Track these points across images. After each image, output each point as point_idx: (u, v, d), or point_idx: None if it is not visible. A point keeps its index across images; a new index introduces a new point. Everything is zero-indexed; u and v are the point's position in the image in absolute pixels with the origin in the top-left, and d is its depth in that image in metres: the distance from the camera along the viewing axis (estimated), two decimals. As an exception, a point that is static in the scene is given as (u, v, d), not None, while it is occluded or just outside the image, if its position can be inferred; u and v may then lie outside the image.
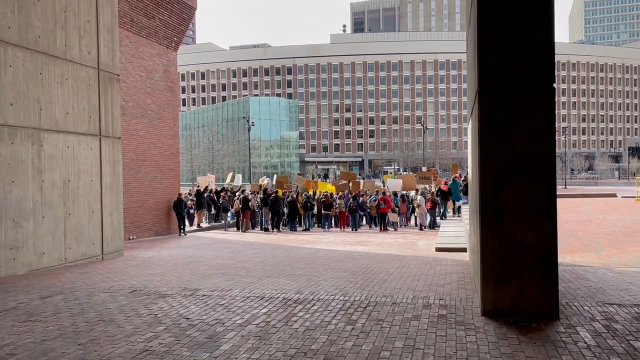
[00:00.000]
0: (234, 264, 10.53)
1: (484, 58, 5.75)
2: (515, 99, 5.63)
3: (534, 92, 5.59)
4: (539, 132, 5.59)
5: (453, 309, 6.17)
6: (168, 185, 20.02)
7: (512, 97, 5.64)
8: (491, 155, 5.74)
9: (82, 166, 11.09)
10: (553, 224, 5.58)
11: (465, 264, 9.88)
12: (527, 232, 5.62)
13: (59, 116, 10.49)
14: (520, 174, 5.64)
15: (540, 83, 5.59)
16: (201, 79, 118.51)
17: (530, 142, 5.60)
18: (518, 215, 5.64)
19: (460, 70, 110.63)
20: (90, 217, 11.30)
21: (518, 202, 5.64)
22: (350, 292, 7.21)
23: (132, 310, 6.37)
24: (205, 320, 5.87)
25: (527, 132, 5.61)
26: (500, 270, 5.73)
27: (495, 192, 5.73)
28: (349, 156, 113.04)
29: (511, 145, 5.66)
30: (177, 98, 21.38)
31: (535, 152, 5.59)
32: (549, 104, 5.60)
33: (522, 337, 5.00)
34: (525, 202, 5.62)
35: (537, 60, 5.59)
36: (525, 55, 5.60)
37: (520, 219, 5.64)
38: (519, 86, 5.62)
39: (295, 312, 6.14)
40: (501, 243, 5.72)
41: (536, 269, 5.63)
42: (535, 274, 5.62)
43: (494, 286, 5.76)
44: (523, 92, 5.61)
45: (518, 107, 5.63)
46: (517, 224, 5.65)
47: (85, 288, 7.92)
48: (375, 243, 15.25)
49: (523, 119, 5.62)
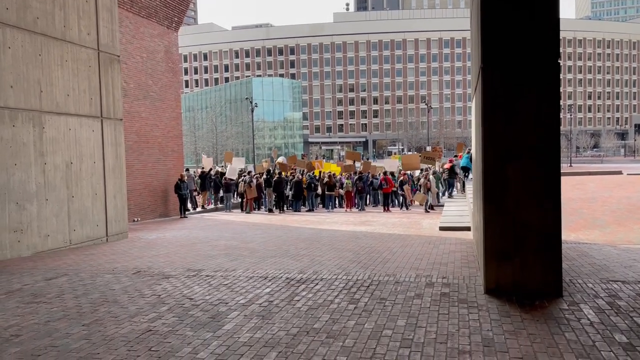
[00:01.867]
0: (238, 244, 10.55)
1: (487, 33, 5.64)
2: (519, 75, 5.53)
3: (538, 67, 5.49)
4: (543, 109, 5.51)
5: (456, 287, 6.16)
6: (172, 167, 20.02)
7: (516, 73, 5.54)
8: (495, 134, 5.67)
9: (84, 149, 11.07)
10: (557, 203, 5.53)
11: (469, 243, 9.86)
12: (530, 211, 5.57)
13: (59, 98, 10.44)
14: (524, 153, 5.56)
15: (545, 59, 5.48)
16: (203, 60, 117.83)
17: (535, 119, 5.52)
18: (521, 194, 5.58)
19: (464, 48, 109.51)
20: (94, 200, 11.32)
21: (522, 181, 5.58)
22: (353, 271, 7.22)
23: (135, 291, 6.40)
24: (208, 300, 5.89)
25: (532, 109, 5.52)
26: (503, 249, 5.69)
27: (498, 171, 5.67)
28: (353, 136, 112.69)
29: (515, 123, 5.58)
30: (178, 79, 21.25)
31: (540, 130, 5.51)
32: (554, 80, 5.50)
33: (525, 315, 4.99)
34: (529, 181, 5.56)
35: (542, 35, 5.47)
36: (530, 30, 5.49)
37: (523, 198, 5.58)
38: (524, 62, 5.51)
39: (298, 291, 6.15)
40: (504, 222, 5.68)
41: (539, 247, 5.58)
42: (539, 252, 5.58)
43: (497, 264, 5.73)
44: (527, 68, 5.51)
45: (522, 83, 5.53)
46: (521, 203, 5.60)
47: (90, 269, 7.96)
48: (379, 223, 15.25)
49: (527, 95, 5.53)
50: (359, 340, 4.45)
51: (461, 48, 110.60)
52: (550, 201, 5.52)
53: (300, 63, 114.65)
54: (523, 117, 5.55)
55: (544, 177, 5.54)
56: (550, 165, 5.51)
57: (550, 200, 5.52)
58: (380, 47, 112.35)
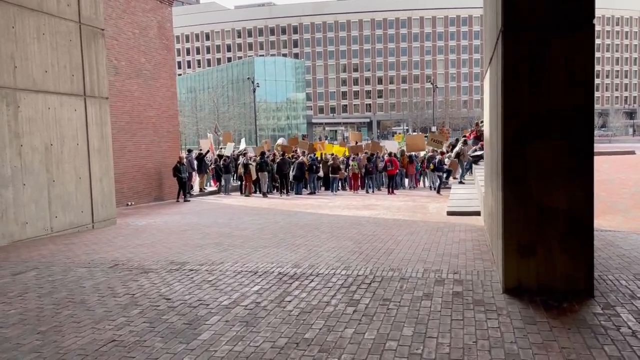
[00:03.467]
0: (231, 231, 9.83)
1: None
2: (547, 39, 4.69)
3: (570, 30, 4.65)
4: (575, 79, 4.69)
5: (469, 284, 5.41)
6: (167, 148, 19.23)
7: (543, 37, 4.70)
8: (517, 108, 4.86)
9: (65, 129, 10.29)
10: (589, 185, 4.74)
11: (480, 230, 9.10)
12: (556, 196, 4.79)
13: (36, 75, 9.64)
14: (551, 126, 4.76)
15: (578, 19, 4.64)
16: (205, 40, 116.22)
17: (565, 91, 4.71)
18: (548, 175, 4.80)
19: (471, 26, 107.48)
20: (78, 184, 10.58)
21: (547, 161, 4.79)
22: (354, 265, 6.47)
23: (107, 289, 5.68)
24: (187, 301, 5.16)
25: (561, 79, 4.71)
26: (525, 241, 4.93)
27: (520, 149, 4.88)
28: (357, 117, 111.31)
29: (541, 95, 4.76)
30: (173, 57, 20.35)
31: (570, 100, 4.70)
32: (588, 45, 4.67)
33: (553, 321, 4.24)
34: (557, 159, 4.76)
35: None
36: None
37: (549, 180, 4.81)
38: (553, 23, 4.67)
39: (290, 290, 5.42)
40: (526, 209, 4.91)
41: (567, 238, 4.82)
42: (566, 244, 4.82)
43: (517, 259, 4.98)
44: (557, 30, 4.67)
45: (551, 49, 4.70)
46: (546, 187, 4.82)
47: (64, 262, 7.25)
48: (383, 207, 14.49)
49: (556, 63, 4.70)
50: (358, 356, 3.72)
51: (467, 26, 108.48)
52: (581, 183, 4.73)
53: (304, 42, 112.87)
54: (551, 87, 4.73)
55: (574, 157, 4.74)
56: (583, 144, 4.71)
57: (581, 182, 4.73)
58: (385, 25, 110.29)
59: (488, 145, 8.00)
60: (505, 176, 4.98)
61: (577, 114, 4.69)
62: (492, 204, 6.75)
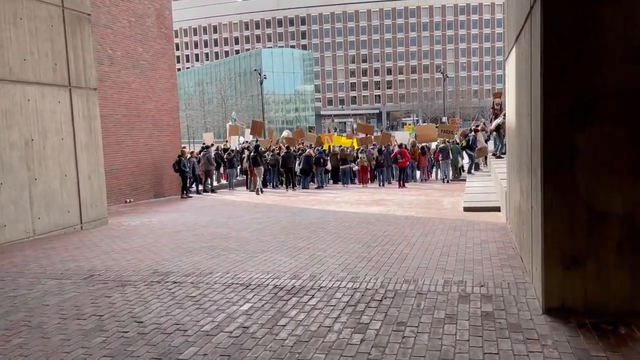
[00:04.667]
0: (228, 232, 8.98)
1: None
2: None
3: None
4: (634, 51, 3.76)
5: (500, 301, 4.51)
6: (167, 142, 18.37)
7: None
8: (560, 88, 3.94)
9: (48, 123, 9.48)
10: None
11: (502, 229, 8.17)
12: (612, 196, 3.89)
13: (13, 63, 8.81)
14: (603, 114, 3.85)
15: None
16: (213, 32, 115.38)
17: (621, 65, 3.78)
18: (599, 170, 3.89)
19: (481, 15, 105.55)
20: (63, 182, 9.77)
21: (601, 153, 3.87)
22: (362, 275, 5.59)
23: (73, 309, 4.84)
24: (162, 325, 4.31)
25: (617, 50, 3.78)
26: (571, 251, 4.03)
27: (565, 140, 3.96)
28: (366, 108, 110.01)
29: (592, 71, 3.84)
30: (173, 47, 19.45)
31: (628, 80, 3.77)
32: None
33: (613, 355, 3.34)
34: (613, 153, 3.85)
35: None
36: None
37: (602, 175, 3.90)
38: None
39: (286, 309, 4.55)
40: (573, 211, 4.00)
41: (624, 247, 3.93)
42: (624, 256, 3.92)
43: (561, 272, 4.07)
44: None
45: (604, 13, 3.77)
46: (598, 185, 3.91)
47: (35, 272, 6.43)
48: (394, 202, 13.56)
49: (611, 30, 3.77)
50: (366, 412, 2.84)
51: (477, 14, 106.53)
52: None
53: (312, 34, 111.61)
54: (604, 61, 3.81)
55: (633, 149, 3.82)
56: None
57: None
58: (394, 15, 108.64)
59: (513, 134, 7.06)
60: (546, 170, 4.06)
61: (635, 99, 3.76)
62: (520, 201, 5.84)
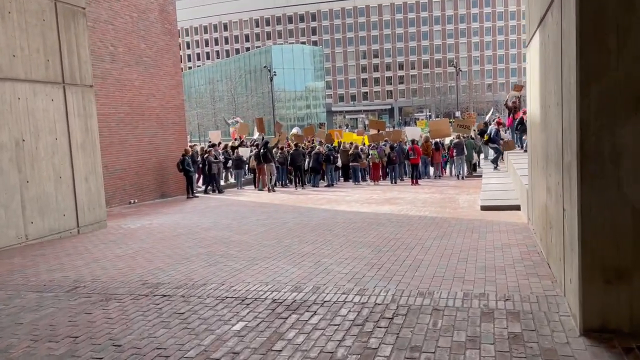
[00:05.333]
0: (230, 236, 8.45)
1: None
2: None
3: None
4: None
5: (530, 319, 3.91)
6: (173, 141, 17.91)
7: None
8: (602, 71, 3.33)
9: (41, 122, 9.02)
10: None
11: (524, 230, 7.55)
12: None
13: (1, 60, 8.35)
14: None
15: None
16: (223, 30, 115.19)
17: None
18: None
19: (494, 7, 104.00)
20: (58, 184, 9.32)
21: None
22: (371, 286, 5.01)
23: (47, 330, 4.33)
24: (141, 350, 3.77)
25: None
26: (615, 262, 3.44)
27: (607, 134, 3.36)
28: (378, 104, 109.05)
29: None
30: (177, 43, 18.96)
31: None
32: None
33: (674, 393, 2.74)
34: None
35: None
36: None
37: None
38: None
39: (284, 330, 3.99)
40: (615, 217, 3.41)
41: (677, 259, 3.31)
42: (678, 268, 3.31)
43: (602, 288, 3.48)
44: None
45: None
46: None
47: (17, 283, 5.95)
48: (406, 201, 12.96)
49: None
50: None
51: (490, 7, 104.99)
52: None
53: (322, 30, 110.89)
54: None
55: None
56: None
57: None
58: (405, 9, 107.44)
59: (537, 127, 6.42)
60: (584, 169, 3.46)
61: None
62: (547, 201, 5.23)
